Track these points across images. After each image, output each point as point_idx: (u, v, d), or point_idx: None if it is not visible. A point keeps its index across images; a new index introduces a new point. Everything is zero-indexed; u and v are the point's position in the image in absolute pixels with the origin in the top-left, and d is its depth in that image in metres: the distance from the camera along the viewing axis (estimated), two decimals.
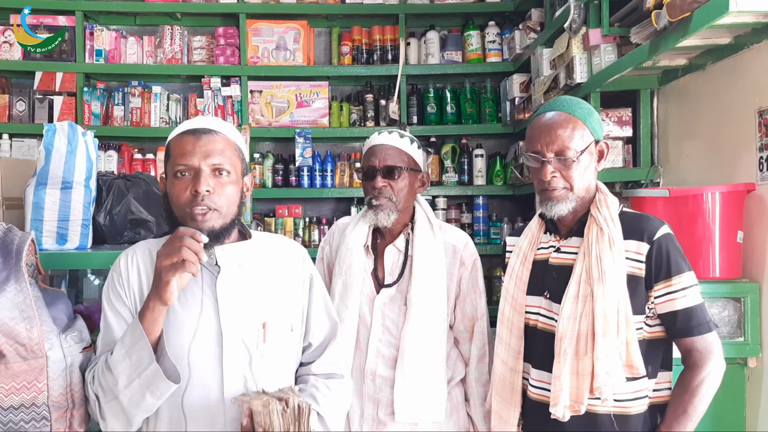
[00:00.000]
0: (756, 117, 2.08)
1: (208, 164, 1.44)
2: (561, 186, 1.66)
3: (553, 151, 1.66)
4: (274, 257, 1.60)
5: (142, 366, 1.36)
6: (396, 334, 1.99)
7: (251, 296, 1.51)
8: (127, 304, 1.50)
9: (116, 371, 1.38)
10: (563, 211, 1.68)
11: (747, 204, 2.12)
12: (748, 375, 2.12)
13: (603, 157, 1.71)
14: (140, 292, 1.50)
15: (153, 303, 1.36)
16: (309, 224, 3.98)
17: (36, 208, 1.89)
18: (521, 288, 1.77)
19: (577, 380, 1.58)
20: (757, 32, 2.02)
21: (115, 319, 1.50)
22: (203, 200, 1.42)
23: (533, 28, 3.47)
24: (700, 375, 1.57)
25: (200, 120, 1.53)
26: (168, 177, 1.50)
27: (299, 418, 1.33)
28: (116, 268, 1.54)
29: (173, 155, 1.48)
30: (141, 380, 1.36)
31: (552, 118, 1.68)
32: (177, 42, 3.98)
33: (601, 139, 1.71)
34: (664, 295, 1.60)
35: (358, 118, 4.05)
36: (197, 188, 1.41)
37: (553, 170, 1.66)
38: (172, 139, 1.51)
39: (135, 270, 1.52)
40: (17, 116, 3.89)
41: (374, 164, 2.01)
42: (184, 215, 1.44)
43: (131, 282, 1.51)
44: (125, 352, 1.37)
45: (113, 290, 1.51)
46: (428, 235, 2.03)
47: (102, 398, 1.41)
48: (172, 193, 1.46)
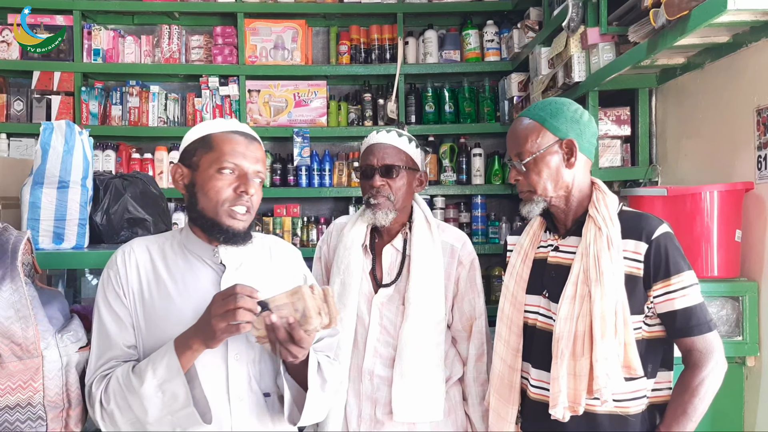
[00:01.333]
0: (754, 115, 2.08)
1: (254, 170, 1.49)
2: (525, 189, 1.72)
3: (513, 156, 1.73)
4: (271, 257, 1.62)
5: (176, 404, 1.35)
6: (394, 333, 1.98)
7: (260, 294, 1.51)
8: (126, 305, 1.47)
9: (146, 402, 1.35)
10: (533, 212, 1.72)
11: (745, 203, 2.11)
12: (747, 374, 2.12)
13: (572, 154, 1.67)
14: (140, 293, 1.47)
15: (197, 345, 1.36)
16: (307, 224, 3.98)
17: (33, 208, 1.89)
18: (521, 286, 1.77)
19: (575, 381, 1.58)
20: (756, 31, 2.02)
21: (114, 323, 1.46)
22: (247, 201, 1.46)
23: (531, 27, 3.47)
24: (700, 375, 1.56)
25: (243, 125, 1.56)
26: (204, 169, 1.47)
27: (327, 298, 1.38)
28: (113, 266, 1.50)
29: (221, 150, 1.47)
30: (174, 418, 1.35)
31: (514, 123, 1.76)
32: (175, 41, 3.97)
33: (566, 137, 1.67)
34: (663, 294, 1.59)
35: (357, 117, 4.05)
36: (247, 189, 1.45)
37: (515, 174, 1.72)
38: (218, 133, 1.50)
39: (134, 269, 1.49)
40: (15, 116, 3.88)
41: (372, 163, 2.01)
42: (220, 211, 1.45)
43: (131, 282, 1.48)
44: (158, 385, 1.35)
45: (110, 290, 1.48)
46: (426, 235, 2.03)
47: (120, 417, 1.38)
48: (211, 186, 1.45)
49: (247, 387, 1.47)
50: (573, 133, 1.67)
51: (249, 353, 1.48)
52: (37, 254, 1.61)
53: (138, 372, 1.38)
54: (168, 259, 1.51)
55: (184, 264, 1.51)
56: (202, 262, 1.52)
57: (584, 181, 1.71)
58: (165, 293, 1.48)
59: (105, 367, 1.44)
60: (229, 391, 1.45)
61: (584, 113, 1.71)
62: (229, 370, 1.45)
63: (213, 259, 1.51)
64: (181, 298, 1.46)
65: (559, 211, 1.73)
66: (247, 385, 1.47)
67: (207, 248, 1.52)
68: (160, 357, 1.37)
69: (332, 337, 1.67)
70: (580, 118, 1.69)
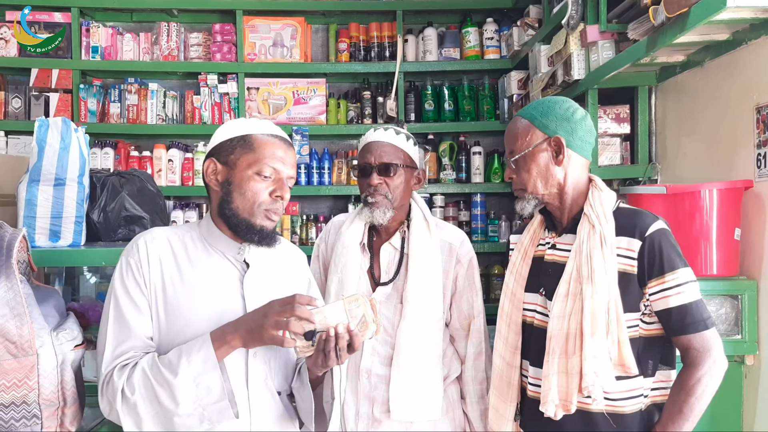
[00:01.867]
0: (754, 113, 2.07)
1: (289, 176, 1.52)
2: (518, 187, 1.74)
3: (507, 154, 1.77)
4: (283, 260, 1.64)
5: (210, 398, 1.34)
6: (392, 332, 1.98)
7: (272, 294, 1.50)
8: (146, 295, 1.44)
9: (178, 394, 1.33)
10: (525, 209, 1.74)
11: (745, 201, 2.11)
12: (746, 373, 2.11)
13: (560, 151, 1.67)
14: (162, 284, 1.45)
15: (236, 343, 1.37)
16: (306, 222, 3.97)
17: (29, 205, 1.89)
18: (520, 283, 1.77)
19: (566, 379, 1.57)
20: (756, 28, 2.01)
21: (133, 311, 1.43)
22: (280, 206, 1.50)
23: (531, 25, 3.46)
24: (696, 374, 1.54)
25: (279, 129, 1.58)
26: (240, 169, 1.48)
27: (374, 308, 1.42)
28: (133, 255, 1.47)
29: (262, 153, 1.48)
30: (206, 412, 1.35)
31: (510, 123, 1.80)
32: (173, 39, 3.96)
33: (554, 135, 1.67)
34: (658, 292, 1.57)
35: (356, 115, 4.04)
36: (283, 195, 1.49)
37: (509, 172, 1.77)
38: (259, 135, 1.51)
39: (156, 259, 1.46)
40: (13, 113, 3.88)
41: (370, 161, 2.00)
42: (256, 212, 1.47)
43: (152, 272, 1.45)
44: (193, 378, 1.34)
45: (130, 278, 1.44)
46: (424, 233, 2.02)
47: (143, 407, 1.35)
48: (248, 187, 1.47)
49: (263, 384, 1.48)
50: (562, 130, 1.68)
51: (266, 351, 1.49)
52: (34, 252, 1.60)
53: (168, 363, 1.36)
54: (190, 252, 1.50)
55: (207, 258, 1.51)
56: (225, 259, 1.51)
57: (580, 179, 1.71)
58: (189, 287, 1.46)
59: (125, 356, 1.40)
60: (248, 387, 1.45)
61: (577, 111, 1.70)
62: (248, 366, 1.45)
63: (237, 256, 1.52)
64: (205, 293, 1.46)
65: (554, 208, 1.74)
66: (263, 382, 1.48)
67: (232, 245, 1.52)
68: (195, 349, 1.36)
69: None
70: (572, 115, 1.69)
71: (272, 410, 1.49)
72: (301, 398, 1.50)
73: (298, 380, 1.53)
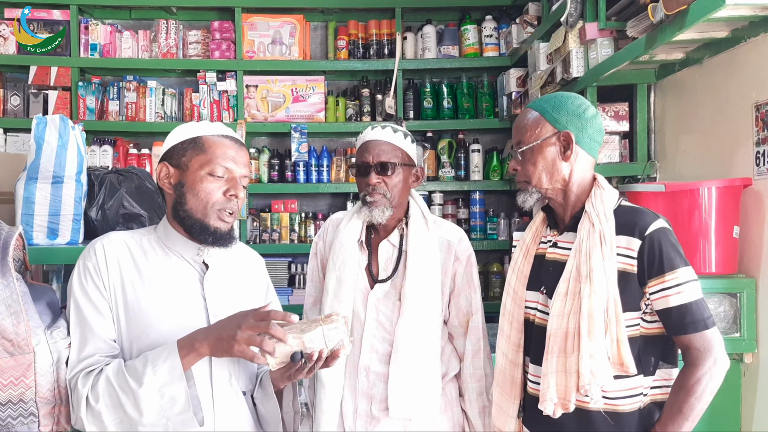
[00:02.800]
0: (753, 111, 2.07)
1: (242, 174, 1.52)
2: (522, 179, 1.73)
3: (515, 145, 1.74)
4: (242, 262, 1.65)
5: (175, 408, 1.34)
6: (390, 329, 1.97)
7: (232, 295, 1.54)
8: (106, 297, 1.44)
9: (142, 404, 1.33)
10: (527, 202, 1.73)
11: (743, 199, 2.11)
12: (744, 371, 2.11)
13: (569, 147, 1.66)
14: (121, 287, 1.45)
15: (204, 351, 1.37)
16: (305, 219, 3.97)
17: (26, 203, 1.88)
18: (522, 281, 1.77)
19: (565, 378, 1.57)
20: (755, 25, 2.01)
21: (94, 312, 1.43)
22: (234, 204, 1.49)
23: (530, 23, 3.45)
24: (696, 373, 1.53)
25: (230, 130, 1.58)
26: (192, 170, 1.48)
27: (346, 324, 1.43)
28: (91, 258, 1.46)
29: (212, 153, 1.48)
30: (170, 422, 1.35)
31: (519, 114, 1.77)
32: (172, 36, 3.95)
33: (564, 130, 1.66)
34: (658, 291, 1.56)
35: (355, 113, 4.03)
36: (237, 193, 1.49)
37: (514, 164, 1.75)
38: (210, 136, 1.51)
39: (114, 262, 1.46)
40: (12, 111, 3.87)
41: (368, 160, 1.99)
42: (209, 213, 1.47)
43: (111, 276, 1.45)
44: (158, 388, 1.33)
45: (89, 281, 1.44)
46: (422, 231, 2.02)
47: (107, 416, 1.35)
48: (200, 188, 1.47)
49: (227, 385, 1.48)
50: (572, 126, 1.66)
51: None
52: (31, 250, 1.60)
53: (133, 371, 1.36)
54: (148, 255, 1.51)
55: (166, 260, 1.51)
56: (183, 260, 1.52)
57: (585, 177, 1.70)
58: (149, 288, 1.47)
59: (89, 361, 1.41)
60: (212, 388, 1.45)
61: (589, 108, 1.69)
62: (212, 367, 1.45)
63: (195, 258, 1.52)
64: (165, 295, 1.46)
65: (557, 205, 1.73)
66: (227, 383, 1.48)
67: (191, 246, 1.52)
68: (162, 358, 1.35)
69: None
70: (584, 112, 1.67)
71: (238, 411, 1.49)
72: (265, 409, 1.52)
73: (260, 390, 1.53)
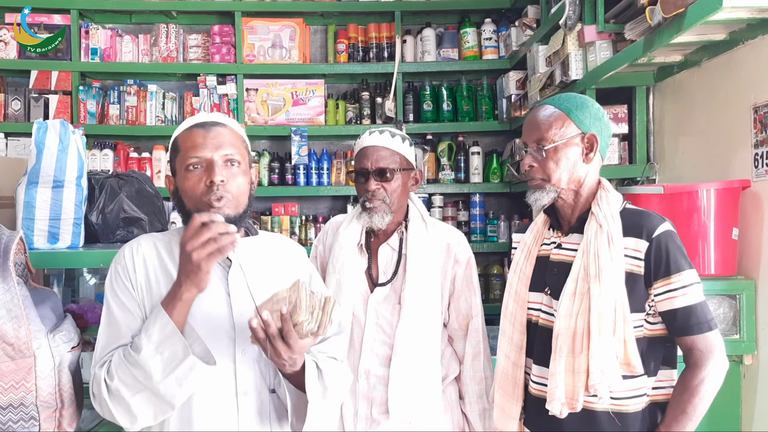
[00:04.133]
0: (751, 113, 2.07)
1: (220, 155, 1.46)
2: (539, 177, 1.70)
3: (532, 141, 1.70)
4: (278, 255, 1.61)
5: (176, 360, 1.35)
6: (390, 332, 1.98)
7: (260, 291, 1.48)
8: (136, 297, 1.47)
9: (147, 366, 1.35)
10: (542, 201, 1.70)
11: (742, 201, 2.11)
12: (744, 372, 2.11)
13: (592, 149, 1.68)
14: (148, 287, 1.47)
15: (187, 293, 1.36)
16: (305, 222, 3.98)
17: (27, 207, 1.89)
18: (524, 283, 1.77)
19: (573, 378, 1.57)
20: (752, 28, 2.01)
21: (122, 313, 1.45)
22: (218, 189, 1.43)
23: (529, 25, 3.46)
24: (700, 374, 1.55)
25: (206, 115, 1.55)
26: (179, 172, 1.49)
27: (325, 305, 1.34)
28: (120, 261, 1.50)
29: (183, 149, 1.48)
30: (177, 374, 1.35)
31: (536, 110, 1.73)
32: (172, 40, 3.96)
33: (589, 132, 1.67)
34: (663, 293, 1.58)
35: (354, 116, 4.04)
36: (212, 178, 1.43)
37: (531, 160, 1.70)
38: (180, 134, 1.51)
39: (141, 263, 1.49)
40: (12, 115, 3.88)
41: (366, 166, 1.99)
42: (200, 206, 1.44)
43: (138, 276, 1.48)
44: (155, 349, 1.35)
45: (119, 283, 1.48)
46: (422, 234, 2.02)
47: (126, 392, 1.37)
48: (186, 186, 1.46)
49: (252, 383, 1.47)
50: (595, 128, 1.68)
51: (256, 348, 1.46)
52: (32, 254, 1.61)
53: (135, 344, 1.38)
54: (175, 254, 1.50)
55: None
56: None
57: (594, 180, 1.72)
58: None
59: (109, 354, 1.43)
60: (236, 386, 1.45)
61: (605, 113, 1.72)
62: (237, 365, 1.45)
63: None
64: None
65: (565, 206, 1.72)
66: (252, 381, 1.47)
67: None
68: (152, 321, 1.38)
69: (339, 335, 1.65)
70: (603, 116, 1.71)
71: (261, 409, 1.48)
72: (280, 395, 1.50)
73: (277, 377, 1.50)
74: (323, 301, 1.35)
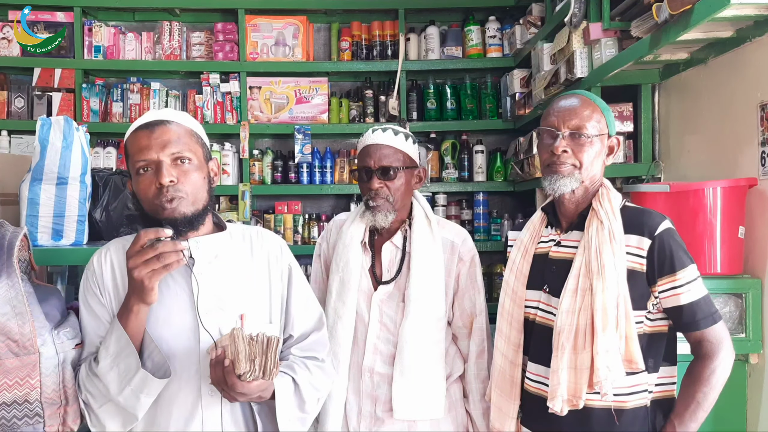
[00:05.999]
0: (758, 111, 2.06)
1: (167, 155, 1.42)
2: (570, 162, 1.68)
3: (569, 127, 1.68)
4: (251, 248, 1.59)
5: (130, 373, 1.37)
6: (394, 330, 1.97)
7: (228, 288, 1.50)
8: (104, 303, 1.49)
9: (105, 380, 1.39)
10: (567, 187, 1.68)
11: (749, 199, 2.10)
12: (750, 371, 2.10)
13: (613, 152, 1.73)
14: (116, 291, 1.49)
15: (137, 306, 1.37)
16: (308, 221, 3.97)
17: (31, 204, 1.88)
18: (521, 281, 1.77)
19: (575, 375, 1.58)
20: (759, 25, 2.00)
21: (92, 320, 1.49)
22: (168, 191, 1.41)
23: (534, 23, 3.45)
24: (711, 365, 1.57)
25: (151, 114, 1.52)
26: (132, 176, 1.48)
27: (267, 349, 1.34)
28: (90, 267, 1.53)
29: (131, 153, 1.47)
30: (132, 387, 1.37)
31: (573, 99, 1.74)
32: (176, 38, 3.96)
33: (614, 134, 1.73)
34: (668, 290, 1.59)
35: (358, 114, 4.03)
36: (161, 180, 1.40)
37: (566, 145, 1.68)
38: (128, 138, 1.50)
39: (109, 268, 1.51)
40: (16, 113, 3.88)
41: (369, 165, 1.99)
42: (155, 208, 1.43)
43: (106, 281, 1.50)
44: (111, 362, 1.39)
45: (88, 290, 1.51)
46: (426, 232, 2.02)
47: (94, 403, 1.43)
48: (138, 190, 1.45)
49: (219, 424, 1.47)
50: (614, 130, 1.74)
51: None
52: (36, 251, 1.60)
53: (97, 356, 1.43)
54: None
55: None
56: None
57: (600, 180, 1.74)
58: None
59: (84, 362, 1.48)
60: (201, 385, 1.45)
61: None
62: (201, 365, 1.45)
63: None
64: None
65: (572, 201, 1.72)
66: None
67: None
68: (109, 334, 1.41)
69: (319, 331, 1.64)
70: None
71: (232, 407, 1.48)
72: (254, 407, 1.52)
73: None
74: (265, 344, 1.34)
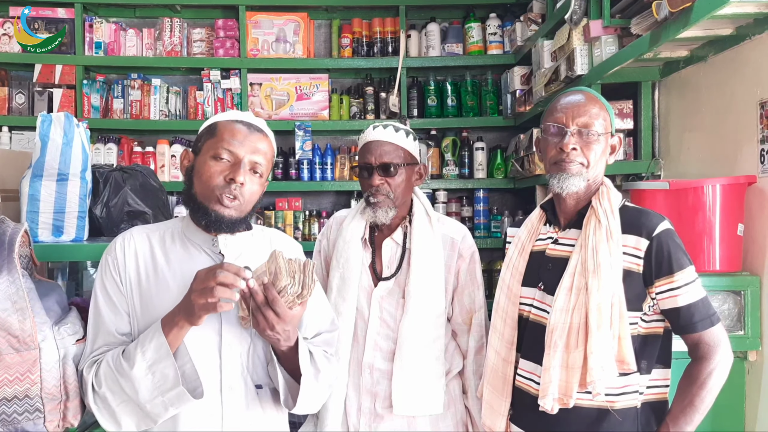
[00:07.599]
0: (758, 109, 2.06)
1: (250, 159, 1.48)
2: (578, 161, 1.66)
3: (578, 124, 1.66)
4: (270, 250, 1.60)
5: (166, 385, 1.36)
6: (394, 327, 1.98)
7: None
8: (123, 291, 1.48)
9: (137, 383, 1.36)
10: (575, 186, 1.66)
11: (748, 196, 2.10)
12: (748, 368, 2.11)
13: (614, 151, 1.73)
14: (137, 280, 1.48)
15: (182, 323, 1.37)
16: (309, 217, 3.98)
17: (32, 200, 1.89)
18: (517, 278, 1.77)
19: (567, 373, 1.57)
20: (759, 23, 2.00)
21: (108, 309, 1.47)
22: (235, 189, 1.45)
23: (534, 20, 3.45)
24: (708, 367, 1.56)
25: (253, 117, 1.57)
26: (202, 154, 1.49)
27: (305, 269, 1.37)
28: (111, 252, 1.51)
29: (221, 137, 1.48)
30: (165, 399, 1.37)
31: (578, 95, 1.71)
32: (176, 34, 3.96)
33: (616, 134, 1.74)
34: (666, 291, 1.58)
35: (359, 111, 4.04)
36: (234, 176, 1.44)
37: (574, 142, 1.66)
38: (222, 121, 1.52)
39: (132, 256, 1.50)
40: (17, 109, 3.88)
41: (370, 161, 1.99)
42: (210, 196, 1.45)
43: (129, 269, 1.48)
44: (147, 367, 1.36)
45: (108, 276, 1.49)
46: (426, 228, 2.02)
47: (113, 400, 1.39)
48: (204, 171, 1.46)
49: (239, 377, 1.47)
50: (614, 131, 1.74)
51: (242, 344, 1.48)
52: (37, 247, 1.61)
53: (127, 354, 1.39)
54: (167, 247, 1.52)
55: (183, 252, 1.52)
56: (201, 251, 1.52)
57: (602, 174, 1.73)
58: (162, 281, 1.48)
59: (97, 352, 1.45)
60: (221, 380, 1.45)
61: None
62: (222, 359, 1.46)
63: (212, 248, 1.51)
64: (178, 287, 1.46)
65: (573, 199, 1.71)
66: (239, 376, 1.47)
67: (206, 238, 1.52)
68: (148, 339, 1.38)
69: (331, 332, 1.66)
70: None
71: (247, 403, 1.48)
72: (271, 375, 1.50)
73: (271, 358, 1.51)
74: (303, 265, 1.37)
